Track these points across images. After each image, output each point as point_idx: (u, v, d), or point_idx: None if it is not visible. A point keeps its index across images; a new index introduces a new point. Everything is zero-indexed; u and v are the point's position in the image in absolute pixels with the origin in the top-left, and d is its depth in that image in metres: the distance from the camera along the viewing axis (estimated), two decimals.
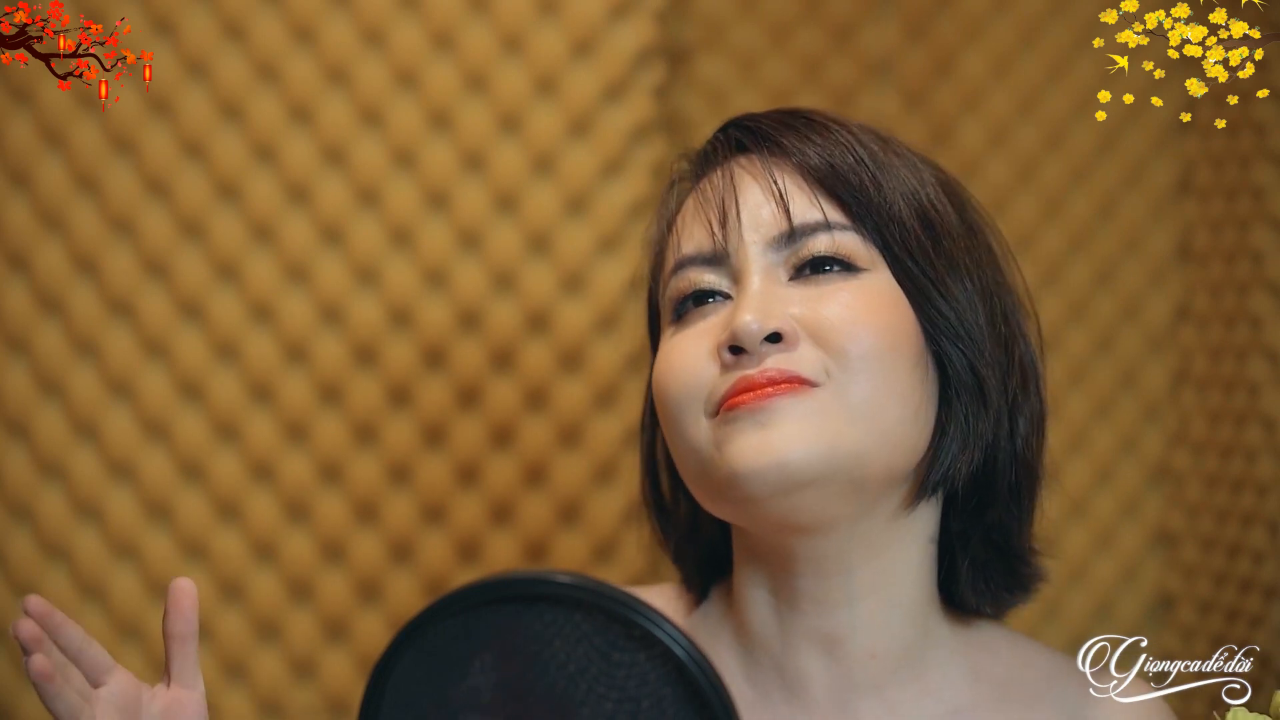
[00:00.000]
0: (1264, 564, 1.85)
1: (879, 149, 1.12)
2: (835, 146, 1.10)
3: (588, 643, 0.87)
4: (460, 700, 0.89)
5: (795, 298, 1.07)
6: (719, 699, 0.86)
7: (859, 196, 1.08)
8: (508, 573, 0.90)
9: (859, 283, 1.07)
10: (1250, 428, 1.89)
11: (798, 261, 1.07)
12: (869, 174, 1.09)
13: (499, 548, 1.83)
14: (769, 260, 1.08)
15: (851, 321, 1.05)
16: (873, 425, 1.05)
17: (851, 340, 1.05)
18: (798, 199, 1.08)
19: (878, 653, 1.12)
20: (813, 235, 1.07)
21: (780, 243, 1.07)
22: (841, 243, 1.07)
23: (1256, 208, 1.88)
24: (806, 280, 1.07)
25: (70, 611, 1.74)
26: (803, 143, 1.10)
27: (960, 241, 1.12)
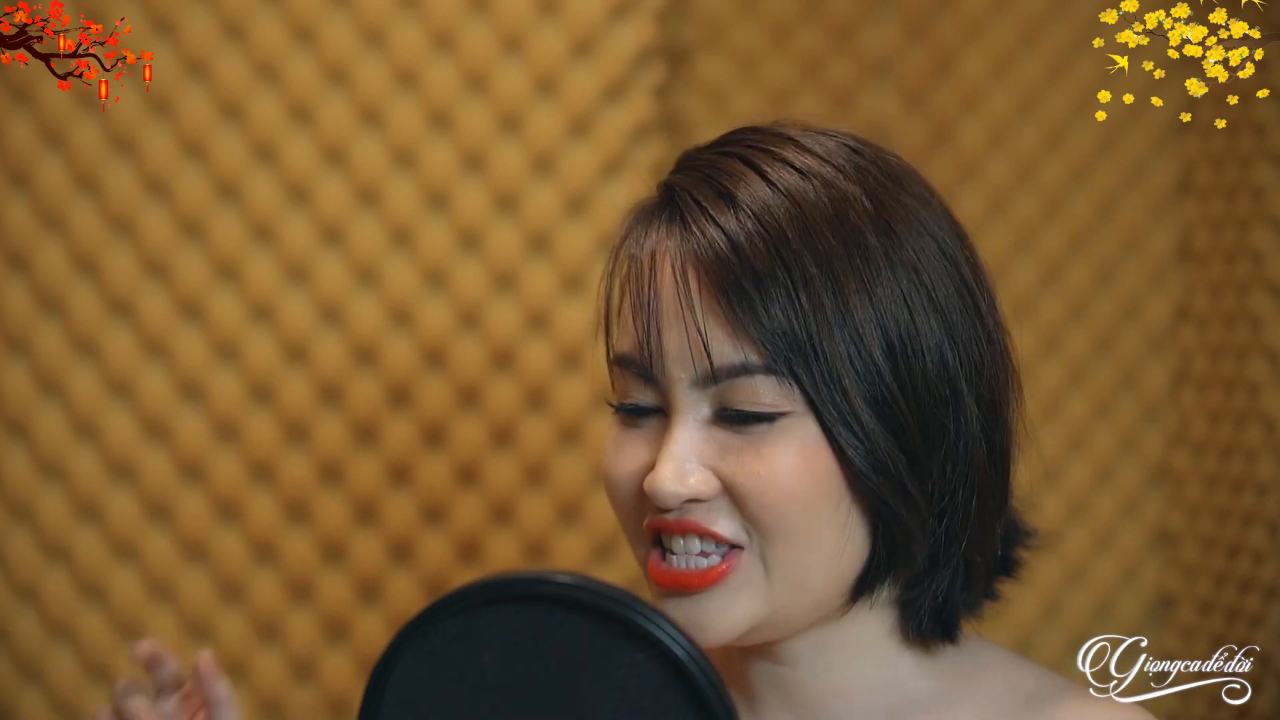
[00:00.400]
0: (1264, 564, 1.85)
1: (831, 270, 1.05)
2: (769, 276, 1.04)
3: (588, 643, 0.87)
4: (460, 701, 0.89)
5: (717, 445, 1.06)
6: (719, 699, 0.86)
7: (786, 342, 1.04)
8: (508, 573, 0.90)
9: (779, 436, 1.05)
10: (1250, 428, 1.88)
11: (721, 406, 1.06)
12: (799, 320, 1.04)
13: (499, 548, 1.83)
14: (694, 397, 1.07)
15: (763, 490, 1.05)
16: (792, 585, 1.07)
17: (767, 511, 1.05)
18: (717, 336, 1.05)
19: (840, 692, 1.13)
20: (734, 380, 1.05)
21: (706, 382, 1.06)
22: (760, 391, 1.05)
23: (1256, 208, 1.88)
24: (732, 426, 1.06)
25: (70, 611, 1.75)
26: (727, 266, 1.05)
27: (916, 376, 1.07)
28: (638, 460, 1.09)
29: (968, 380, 1.08)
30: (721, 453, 1.06)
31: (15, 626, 1.74)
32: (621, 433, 1.11)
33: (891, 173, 1.12)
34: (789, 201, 1.07)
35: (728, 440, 1.06)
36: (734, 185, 1.08)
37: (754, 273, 1.04)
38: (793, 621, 1.09)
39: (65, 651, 1.74)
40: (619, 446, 1.11)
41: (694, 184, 1.09)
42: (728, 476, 1.06)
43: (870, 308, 1.05)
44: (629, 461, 1.10)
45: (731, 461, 1.06)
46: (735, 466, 1.06)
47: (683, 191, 1.09)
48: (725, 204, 1.07)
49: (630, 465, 1.09)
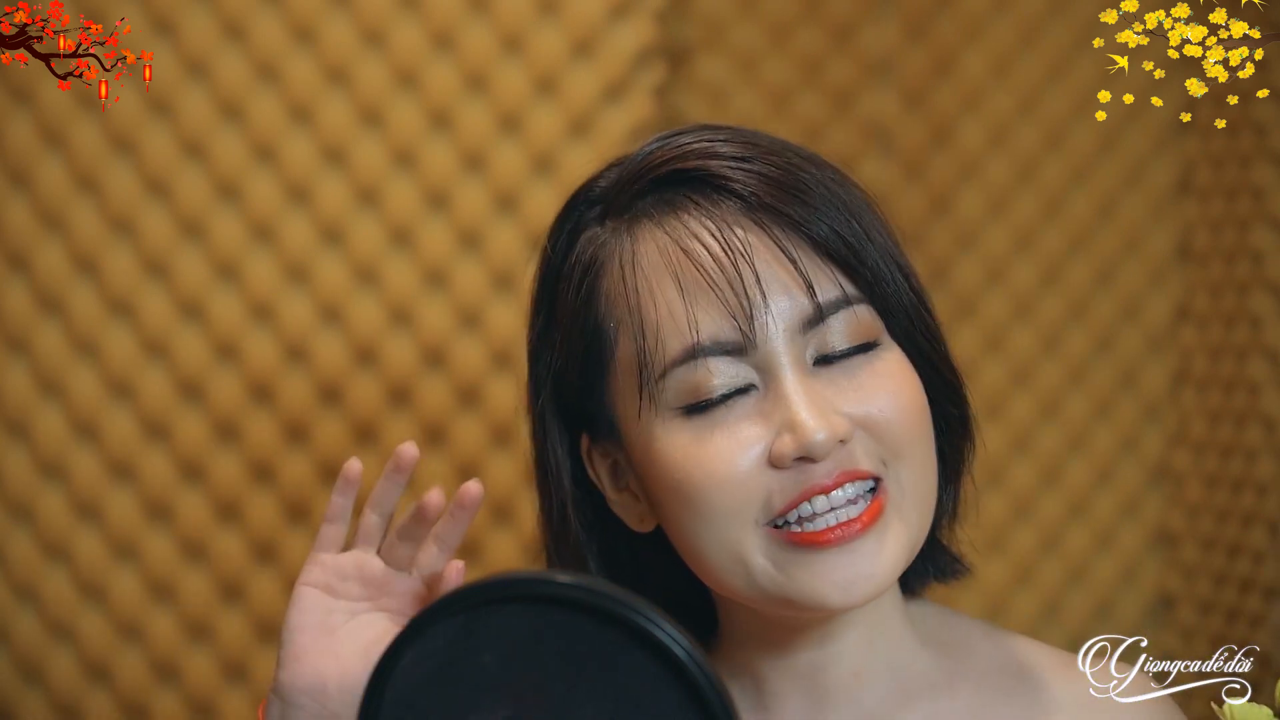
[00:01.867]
0: (1264, 564, 1.85)
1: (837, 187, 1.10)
2: (828, 206, 1.07)
3: (588, 643, 0.87)
4: (460, 701, 0.89)
5: (835, 392, 1.05)
6: (719, 699, 0.86)
7: (866, 265, 1.07)
8: (508, 573, 0.90)
9: (879, 363, 1.07)
10: (1250, 428, 1.89)
11: (820, 349, 1.06)
12: (860, 238, 1.07)
13: (499, 548, 1.83)
14: (796, 349, 1.05)
15: (896, 411, 1.06)
16: (925, 504, 1.09)
17: (905, 432, 1.07)
18: (817, 277, 1.05)
19: (861, 672, 1.13)
20: (835, 315, 1.06)
21: (806, 326, 1.05)
22: (859, 322, 1.07)
23: (1256, 208, 1.88)
24: (834, 364, 1.06)
25: (70, 611, 1.75)
26: (801, 207, 1.06)
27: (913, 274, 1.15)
28: (748, 437, 1.04)
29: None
30: (840, 393, 1.05)
31: (15, 626, 1.74)
32: (702, 428, 1.06)
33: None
34: (781, 143, 1.12)
35: (834, 381, 1.06)
36: (728, 146, 1.10)
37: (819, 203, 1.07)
38: (919, 543, 1.10)
39: (65, 651, 1.74)
40: (709, 438, 1.05)
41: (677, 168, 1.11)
42: (857, 411, 1.05)
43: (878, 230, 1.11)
44: (737, 442, 1.04)
45: (853, 397, 1.05)
46: (861, 400, 1.05)
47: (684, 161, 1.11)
48: (742, 160, 1.09)
49: (740, 444, 1.04)
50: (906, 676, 1.14)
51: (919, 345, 1.10)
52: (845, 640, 1.13)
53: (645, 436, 1.08)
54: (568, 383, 1.16)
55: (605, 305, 1.10)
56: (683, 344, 1.05)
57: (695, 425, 1.05)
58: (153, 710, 1.76)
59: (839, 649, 1.13)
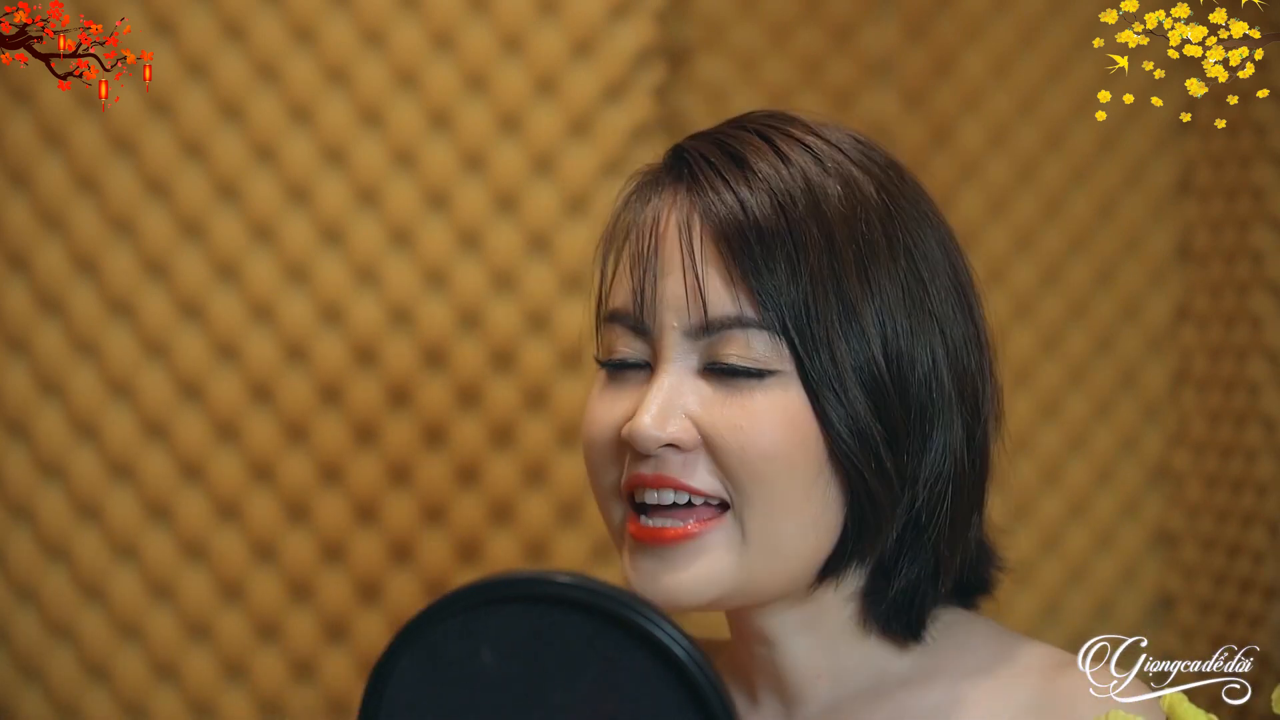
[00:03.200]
0: (1264, 564, 1.85)
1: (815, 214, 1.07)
2: (771, 232, 1.06)
3: (588, 643, 0.87)
4: (460, 701, 0.89)
5: (701, 397, 1.07)
6: (719, 699, 0.86)
7: (783, 299, 1.06)
8: (508, 573, 0.90)
9: (765, 394, 1.06)
10: (1250, 428, 1.89)
11: (711, 356, 1.07)
12: (802, 274, 1.05)
13: (499, 548, 1.83)
14: (684, 348, 1.08)
15: (743, 446, 1.06)
16: (768, 551, 1.07)
17: (746, 467, 1.06)
18: (718, 290, 1.06)
19: (823, 673, 1.13)
20: (728, 331, 1.06)
21: (698, 333, 1.07)
22: (753, 346, 1.06)
23: (1256, 208, 1.88)
24: (719, 378, 1.07)
25: (70, 611, 1.75)
26: (736, 224, 1.06)
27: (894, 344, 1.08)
28: (619, 412, 1.10)
29: (954, 376, 1.10)
30: (705, 405, 1.07)
31: (15, 626, 1.74)
32: (604, 388, 1.12)
33: (895, 169, 1.14)
34: (800, 174, 1.09)
35: (712, 394, 1.07)
36: (746, 153, 1.10)
37: (759, 230, 1.06)
38: (763, 590, 1.09)
39: (65, 651, 1.74)
40: (600, 400, 1.12)
41: (706, 148, 1.11)
42: (708, 428, 1.06)
43: (868, 286, 1.07)
44: (610, 413, 1.10)
45: (714, 414, 1.07)
46: (717, 418, 1.06)
47: (695, 153, 1.11)
48: (737, 167, 1.09)
49: (611, 416, 1.10)
50: (879, 674, 1.14)
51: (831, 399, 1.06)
52: (794, 644, 1.13)
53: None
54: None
55: (605, 252, 1.17)
56: (610, 304, 1.13)
57: (603, 382, 1.13)
58: (153, 710, 1.76)
59: (792, 652, 1.13)
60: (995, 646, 1.16)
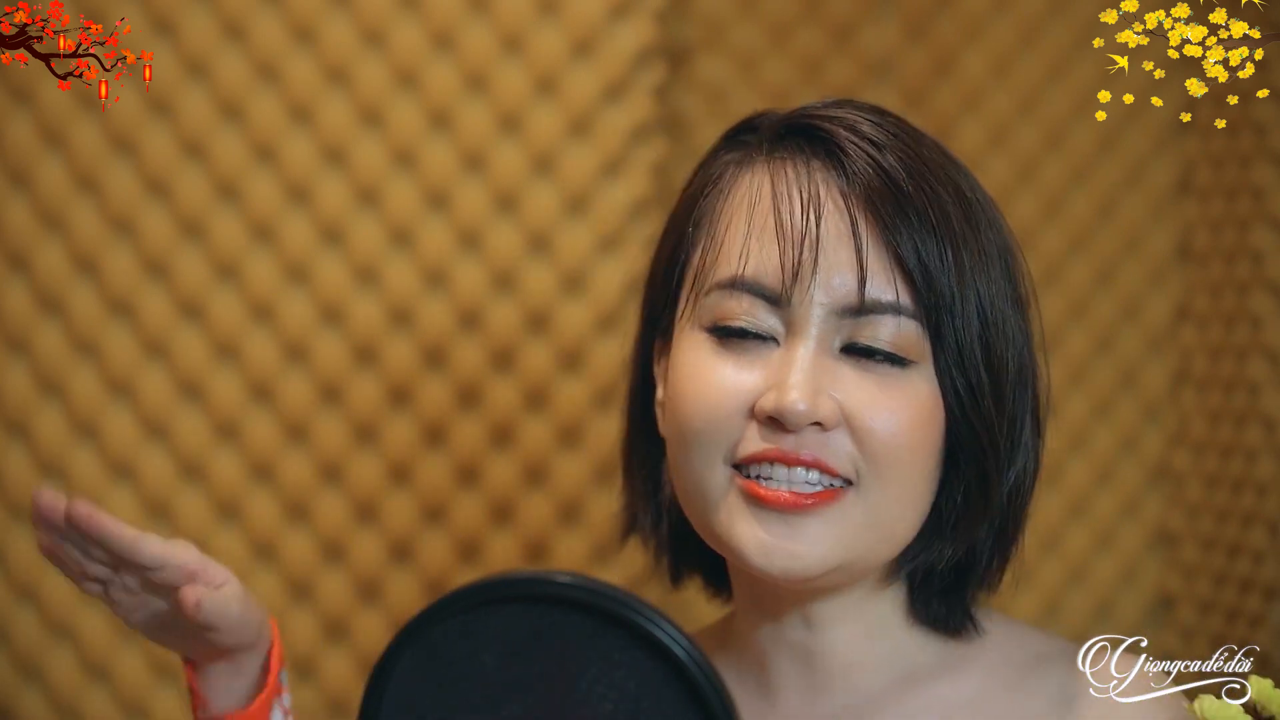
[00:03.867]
0: (1264, 564, 1.85)
1: (962, 221, 1.10)
2: (925, 223, 1.07)
3: (588, 643, 0.87)
4: (460, 700, 0.89)
5: (843, 379, 1.07)
6: (719, 699, 0.86)
7: (934, 291, 1.07)
8: (508, 573, 0.90)
9: (905, 383, 1.08)
10: (1250, 428, 1.89)
11: (854, 337, 1.07)
12: (945, 263, 1.07)
13: (499, 548, 1.83)
14: (828, 327, 1.07)
15: (891, 432, 1.07)
16: (886, 531, 1.09)
17: (891, 452, 1.07)
18: (877, 274, 1.07)
19: (854, 663, 1.14)
20: (879, 316, 1.07)
21: (846, 313, 1.07)
22: (903, 334, 1.07)
23: (1256, 208, 1.88)
24: (858, 360, 1.07)
25: (70, 611, 1.75)
26: (896, 210, 1.07)
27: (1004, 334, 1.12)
28: (748, 382, 1.08)
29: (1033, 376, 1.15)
30: (849, 386, 1.07)
31: (15, 626, 1.74)
32: (718, 355, 1.09)
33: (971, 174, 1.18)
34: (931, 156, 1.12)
35: (853, 375, 1.07)
36: (875, 131, 1.11)
37: (914, 211, 1.07)
38: (863, 570, 1.10)
39: (65, 651, 1.74)
40: (717, 366, 1.09)
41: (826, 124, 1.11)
42: (854, 409, 1.06)
43: (986, 275, 1.10)
44: (736, 379, 1.08)
45: (860, 396, 1.06)
46: (863, 402, 1.06)
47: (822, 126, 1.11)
48: (874, 147, 1.10)
49: (737, 384, 1.08)
50: (910, 665, 1.15)
51: (960, 392, 1.09)
52: (837, 632, 1.14)
53: (679, 341, 1.13)
54: (656, 283, 1.21)
55: (697, 213, 1.15)
56: (730, 271, 1.09)
57: (713, 348, 1.10)
58: (152, 710, 1.75)
59: (831, 639, 1.14)
60: (1020, 640, 1.17)
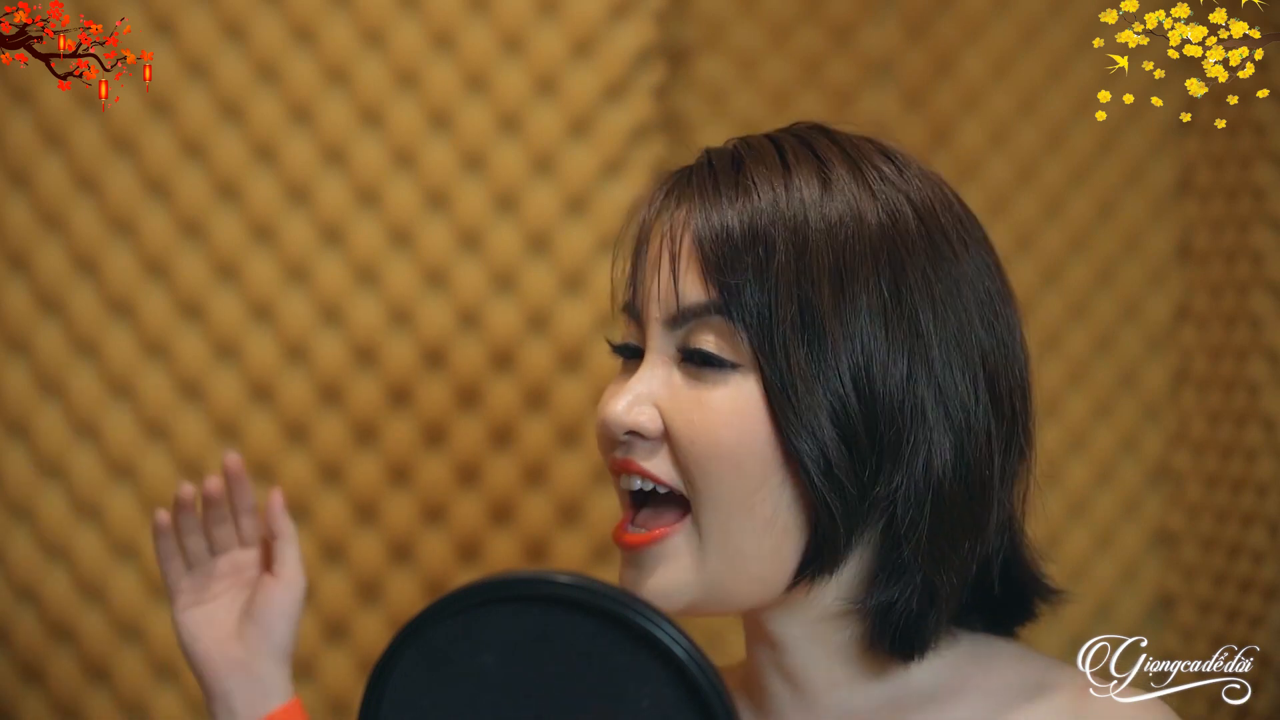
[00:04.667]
0: (1264, 564, 1.85)
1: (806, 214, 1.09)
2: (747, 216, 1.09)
3: (588, 643, 0.87)
4: (460, 701, 0.89)
5: (671, 387, 1.10)
6: (719, 699, 0.86)
7: (741, 282, 1.07)
8: (508, 573, 0.90)
9: (725, 386, 1.08)
10: (1250, 428, 1.89)
11: (683, 347, 1.10)
12: (761, 256, 1.07)
13: (499, 548, 1.83)
14: (665, 338, 1.11)
15: (695, 439, 1.08)
16: (725, 553, 1.09)
17: (693, 458, 1.08)
18: (691, 276, 1.10)
19: (839, 682, 1.13)
20: (698, 320, 1.09)
21: (673, 323, 1.10)
22: (715, 334, 1.09)
23: (1256, 208, 1.88)
24: (690, 369, 1.10)
25: (70, 611, 1.75)
26: (716, 205, 1.10)
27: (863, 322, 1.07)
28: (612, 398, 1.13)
29: (938, 404, 1.08)
30: (671, 394, 1.10)
31: (15, 626, 1.74)
32: (618, 374, 1.16)
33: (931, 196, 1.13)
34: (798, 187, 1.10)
35: (682, 386, 1.10)
36: (749, 160, 1.12)
37: (732, 230, 1.09)
38: (733, 595, 1.10)
39: (65, 651, 1.74)
40: (612, 385, 1.15)
41: (720, 154, 1.15)
42: (667, 418, 1.10)
43: (841, 297, 1.07)
44: (610, 396, 1.13)
45: (675, 403, 1.10)
46: (676, 408, 1.09)
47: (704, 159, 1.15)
48: (735, 172, 1.12)
49: (608, 399, 1.13)
50: (901, 690, 1.14)
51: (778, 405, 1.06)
52: (806, 652, 1.13)
53: None
54: None
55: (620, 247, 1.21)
56: (624, 295, 1.17)
57: (619, 367, 1.17)
58: (152, 710, 1.76)
59: (801, 660, 1.13)
60: (1021, 667, 1.15)
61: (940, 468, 1.08)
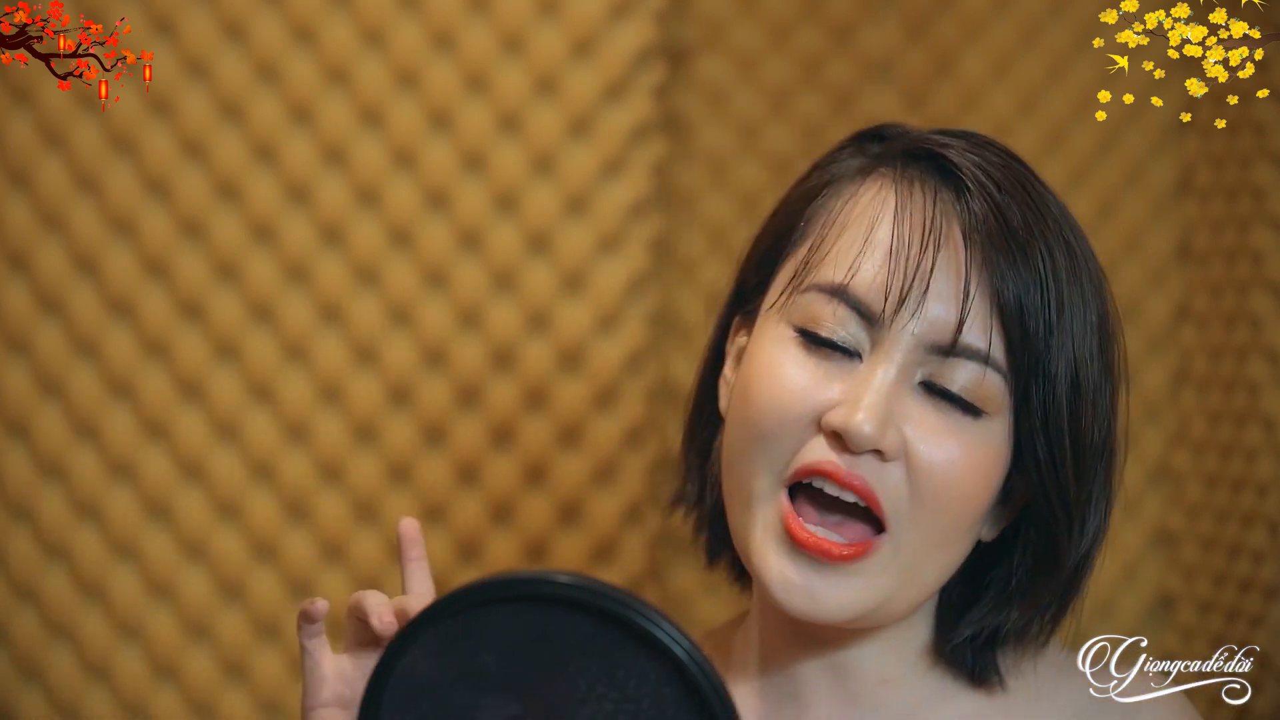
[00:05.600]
0: (1264, 564, 1.85)
1: (1065, 276, 1.09)
2: (1031, 274, 1.07)
3: (588, 643, 0.87)
4: (460, 701, 0.89)
5: (913, 413, 1.06)
6: (719, 699, 0.86)
7: (1029, 348, 1.06)
8: (508, 573, 0.90)
9: (975, 432, 1.06)
10: (1250, 428, 1.88)
11: (936, 377, 1.07)
12: (1046, 324, 1.06)
13: (499, 548, 1.83)
14: (914, 359, 1.06)
15: (946, 474, 1.05)
16: (913, 576, 1.07)
17: (940, 496, 1.05)
18: (975, 319, 1.06)
19: (888, 679, 1.12)
20: (967, 361, 1.06)
21: (935, 350, 1.06)
22: (986, 385, 1.06)
23: (1256, 208, 1.88)
24: (933, 399, 1.07)
25: (70, 611, 1.74)
26: (1008, 261, 1.06)
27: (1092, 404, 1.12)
28: (823, 394, 1.07)
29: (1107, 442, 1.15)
30: (919, 423, 1.06)
31: (15, 626, 1.74)
32: (800, 357, 1.08)
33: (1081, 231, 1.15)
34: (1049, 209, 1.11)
35: (924, 412, 1.06)
36: (1002, 174, 1.11)
37: (1028, 270, 1.06)
38: (892, 615, 1.08)
39: (65, 651, 1.74)
40: (798, 369, 1.08)
41: (969, 163, 1.10)
42: (915, 444, 1.05)
43: (1083, 341, 1.10)
44: (811, 387, 1.07)
45: (929, 436, 1.05)
46: (931, 443, 1.05)
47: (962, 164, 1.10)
48: (999, 190, 1.09)
49: (811, 392, 1.07)
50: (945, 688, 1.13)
51: (1040, 454, 1.08)
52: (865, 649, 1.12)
53: (762, 328, 1.12)
54: (752, 264, 1.20)
55: (811, 210, 1.14)
56: (835, 277, 1.08)
57: (797, 349, 1.08)
58: (152, 710, 1.76)
59: (859, 655, 1.12)
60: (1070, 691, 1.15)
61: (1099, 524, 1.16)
